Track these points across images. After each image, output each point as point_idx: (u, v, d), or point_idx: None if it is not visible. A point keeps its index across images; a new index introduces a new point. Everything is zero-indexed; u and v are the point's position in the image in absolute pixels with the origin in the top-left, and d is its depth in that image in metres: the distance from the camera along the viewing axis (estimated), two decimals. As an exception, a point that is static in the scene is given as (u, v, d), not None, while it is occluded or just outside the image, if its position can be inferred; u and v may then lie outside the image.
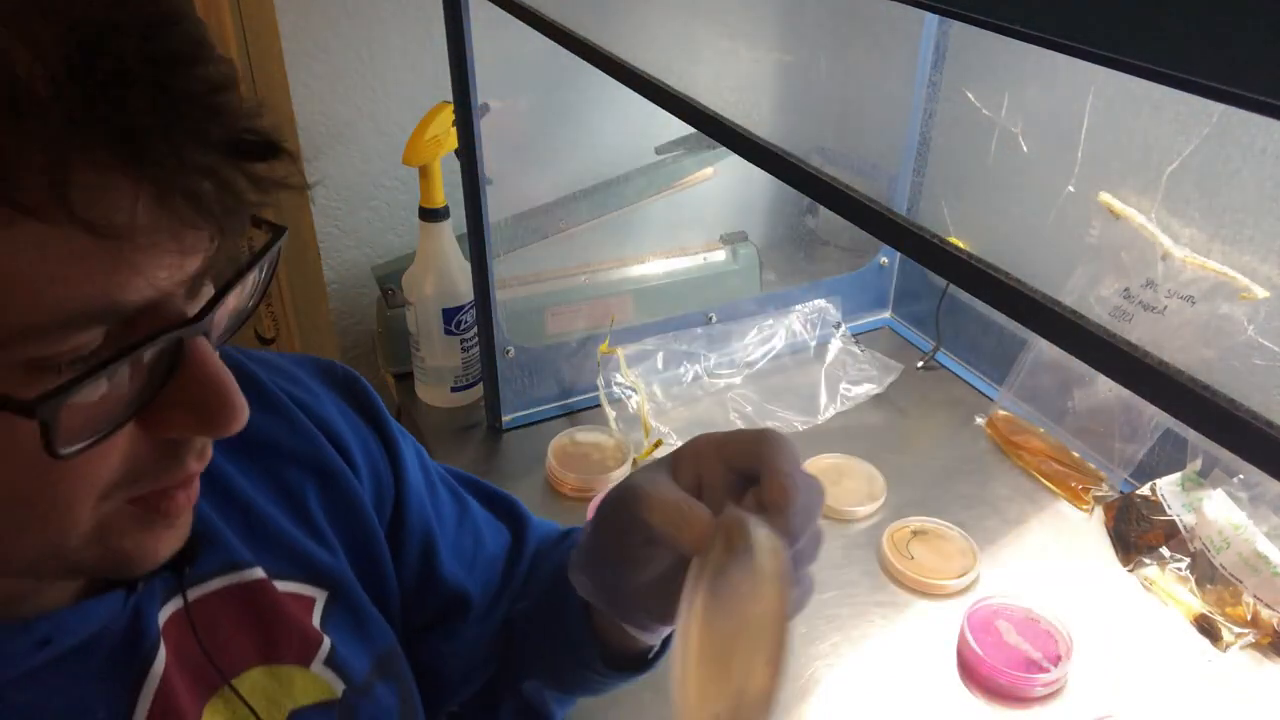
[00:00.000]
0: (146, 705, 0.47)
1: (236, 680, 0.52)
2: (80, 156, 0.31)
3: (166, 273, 0.35)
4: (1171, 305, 0.99)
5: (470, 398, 1.27)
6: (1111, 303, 1.05)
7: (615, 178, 1.33)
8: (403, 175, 1.42)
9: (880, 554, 1.01)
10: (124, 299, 0.34)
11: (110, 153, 0.32)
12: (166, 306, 0.36)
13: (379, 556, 0.63)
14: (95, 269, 0.33)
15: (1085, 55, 0.30)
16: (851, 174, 1.43)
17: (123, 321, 0.35)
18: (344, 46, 1.32)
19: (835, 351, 1.32)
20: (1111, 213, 1.05)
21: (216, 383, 0.38)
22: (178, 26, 0.34)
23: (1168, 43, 0.27)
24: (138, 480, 0.39)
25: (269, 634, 0.54)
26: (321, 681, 0.55)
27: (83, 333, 0.34)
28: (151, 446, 0.39)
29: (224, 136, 0.34)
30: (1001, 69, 1.19)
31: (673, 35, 1.36)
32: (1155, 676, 0.88)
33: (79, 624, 0.45)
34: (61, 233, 0.32)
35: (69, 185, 0.31)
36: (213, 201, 0.34)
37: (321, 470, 0.60)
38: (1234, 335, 0.95)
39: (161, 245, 0.35)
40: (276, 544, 0.56)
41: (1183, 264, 0.99)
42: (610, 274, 1.34)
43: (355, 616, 0.59)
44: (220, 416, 0.39)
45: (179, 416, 0.38)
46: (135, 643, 0.48)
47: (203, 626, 0.51)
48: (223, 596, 0.53)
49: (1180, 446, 1.03)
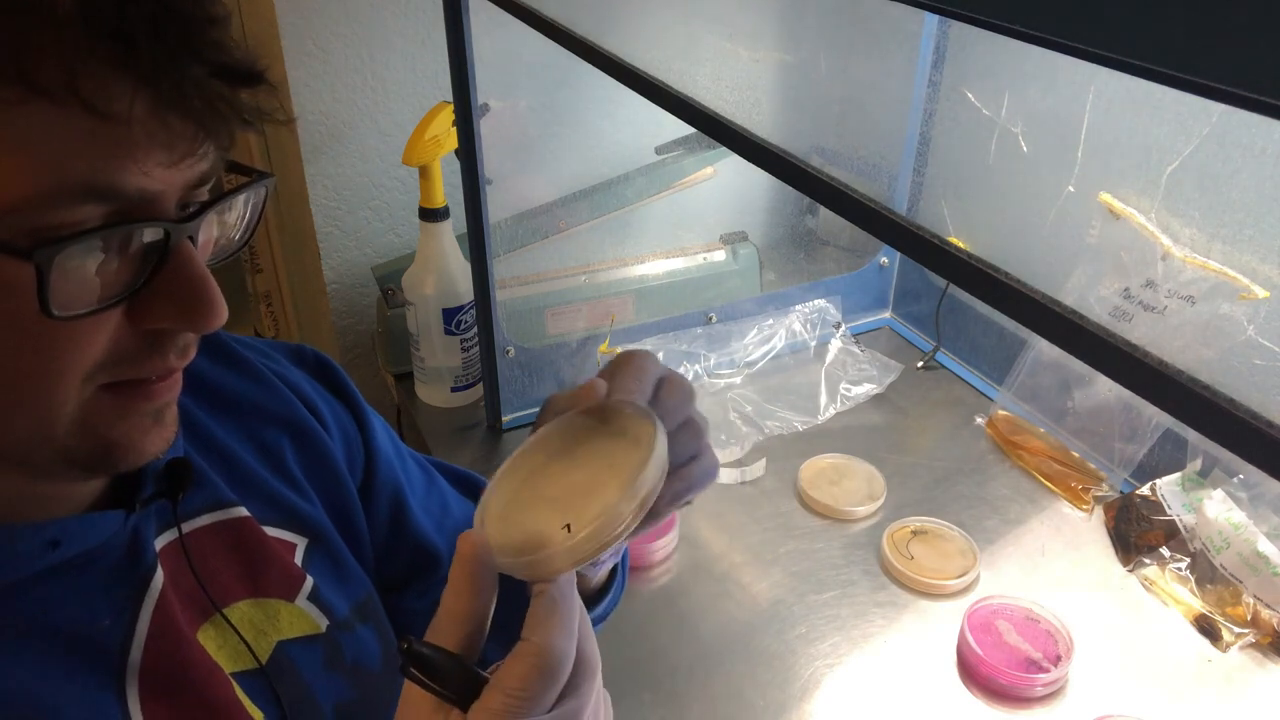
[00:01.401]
0: (148, 617, 0.50)
1: (226, 610, 0.55)
2: (89, 51, 0.36)
3: (159, 168, 0.40)
4: (1171, 305, 0.99)
5: (470, 398, 1.27)
6: (1111, 303, 1.05)
7: (615, 178, 1.33)
8: (403, 175, 1.42)
9: (880, 554, 1.01)
10: (119, 181, 0.39)
11: (114, 52, 0.36)
12: (158, 203, 0.41)
13: (352, 510, 0.67)
14: (96, 149, 0.38)
15: (1085, 55, 0.30)
16: (851, 174, 1.43)
17: (118, 207, 0.39)
18: (344, 46, 1.32)
19: (835, 351, 1.32)
20: (1111, 213, 1.05)
21: (199, 279, 0.43)
22: None
23: (1168, 43, 0.27)
24: (120, 364, 0.43)
25: (255, 568, 0.57)
26: (306, 616, 0.58)
27: (82, 206, 0.38)
28: (137, 336, 0.43)
29: (214, 57, 0.39)
30: (1001, 69, 1.19)
31: (673, 35, 1.35)
32: (1155, 676, 0.88)
33: (84, 531, 0.49)
34: (67, 113, 0.36)
35: (77, 73, 0.36)
36: (201, 111, 0.39)
37: (297, 430, 0.64)
38: (1234, 335, 0.95)
39: (155, 138, 0.39)
40: (259, 491, 0.60)
41: (1183, 264, 0.99)
42: (610, 274, 1.34)
43: (334, 562, 0.63)
44: (200, 312, 0.43)
45: (163, 307, 0.42)
46: (136, 561, 0.51)
47: (194, 558, 0.54)
48: (211, 532, 0.56)
49: (1180, 446, 1.03)
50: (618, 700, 0.50)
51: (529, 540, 0.45)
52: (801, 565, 1.00)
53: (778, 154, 0.47)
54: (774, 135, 0.47)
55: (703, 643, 0.92)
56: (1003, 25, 0.32)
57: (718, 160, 1.35)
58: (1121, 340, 0.31)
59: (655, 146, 1.37)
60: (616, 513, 0.45)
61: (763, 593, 0.97)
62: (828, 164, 1.43)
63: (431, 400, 1.28)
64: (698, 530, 1.05)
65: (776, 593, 0.97)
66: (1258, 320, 0.94)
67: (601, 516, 0.45)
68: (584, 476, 0.49)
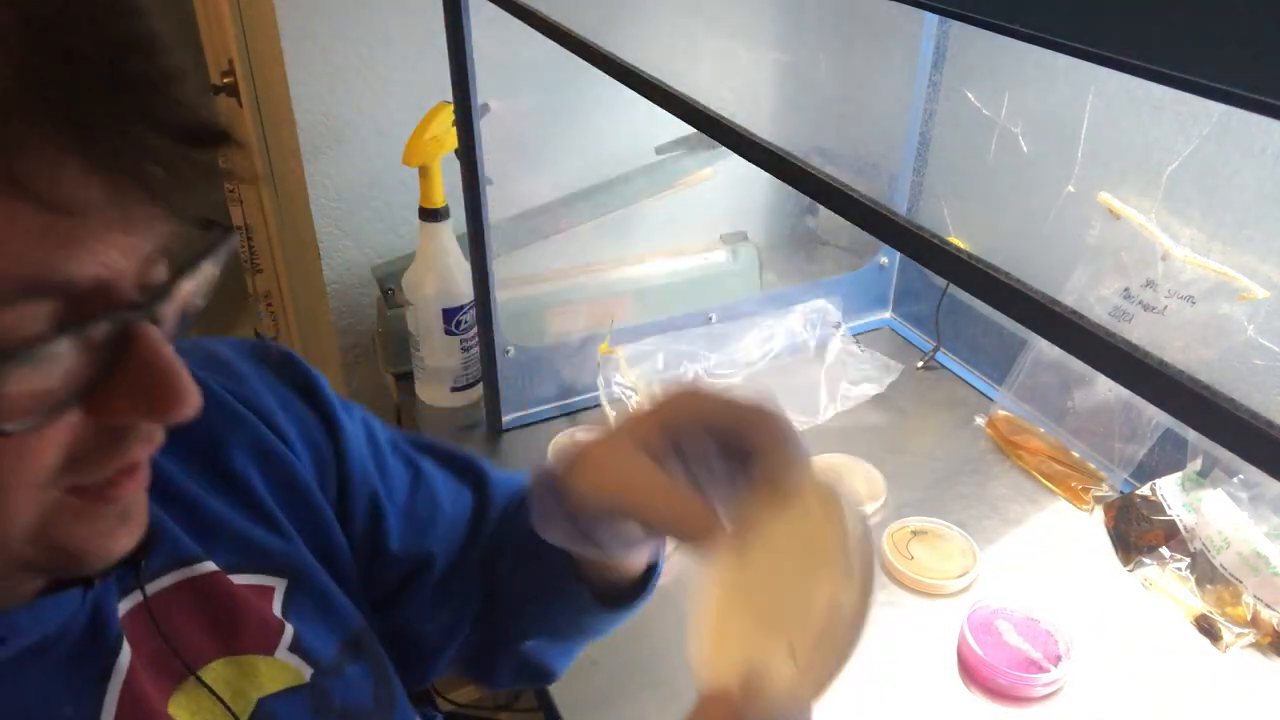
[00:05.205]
0: (115, 699, 0.47)
1: (200, 672, 0.51)
2: (32, 134, 0.32)
3: (117, 252, 0.36)
4: (1171, 305, 0.99)
5: (470, 398, 1.27)
6: (1111, 303, 1.05)
7: (615, 178, 1.33)
8: (403, 175, 1.42)
9: (880, 554, 1.01)
10: (72, 273, 0.34)
11: (60, 131, 0.32)
12: (116, 290, 0.36)
13: (331, 536, 0.62)
14: (45, 243, 0.33)
15: (1085, 55, 0.30)
16: (851, 174, 1.43)
17: (72, 302, 0.35)
18: (344, 46, 1.32)
19: (835, 351, 1.32)
20: (1111, 213, 1.05)
21: (165, 368, 0.38)
22: (130, 17, 0.35)
23: (1168, 43, 0.27)
24: (80, 468, 0.39)
25: (227, 625, 0.54)
26: (287, 668, 0.55)
27: (30, 305, 0.34)
28: (96, 432, 0.39)
29: (171, 120, 0.35)
30: (1001, 69, 1.19)
31: (673, 35, 1.36)
32: (1155, 676, 0.88)
33: (34, 623, 0.45)
34: (12, 206, 0.32)
35: (20, 161, 0.32)
36: (161, 184, 0.35)
37: (263, 453, 0.59)
38: (1234, 335, 0.95)
39: (111, 223, 0.35)
40: (228, 538, 0.56)
41: (1183, 264, 0.99)
42: (610, 274, 1.34)
43: (318, 601, 0.59)
44: (166, 403, 0.38)
45: (125, 402, 0.38)
46: (97, 639, 0.47)
47: (160, 621, 0.51)
48: (175, 592, 0.52)
49: (1180, 446, 1.03)
50: (618, 700, 0.49)
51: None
52: (801, 565, 1.00)
53: (778, 154, 0.47)
54: (774, 135, 0.47)
55: (703, 643, 0.92)
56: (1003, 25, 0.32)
57: (718, 160, 1.35)
58: (1121, 340, 0.31)
59: (655, 146, 1.37)
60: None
61: (763, 593, 0.97)
62: (828, 164, 1.43)
63: (431, 400, 1.28)
64: (698, 530, 1.05)
65: (776, 593, 0.97)
66: (1258, 320, 0.94)
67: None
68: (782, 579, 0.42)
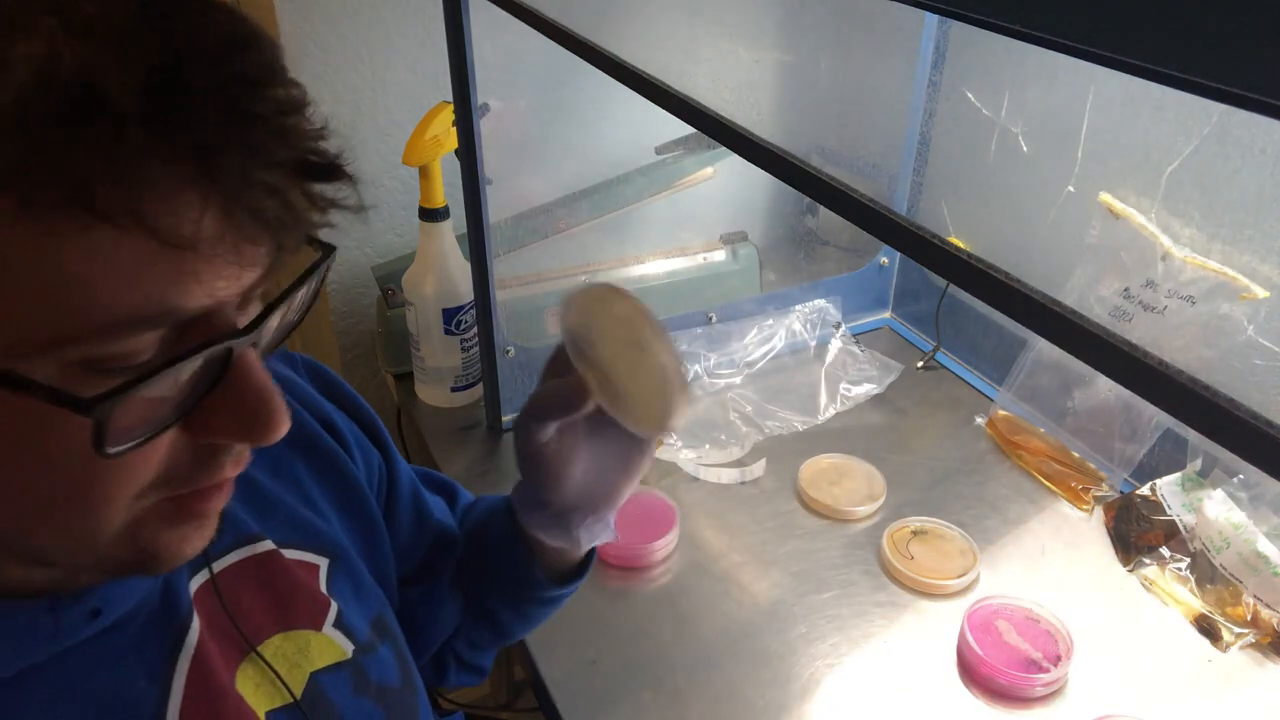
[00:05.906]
0: (184, 672, 0.50)
1: (260, 647, 0.55)
2: (155, 169, 0.33)
3: (225, 283, 0.37)
4: (1171, 305, 0.99)
5: (470, 398, 1.27)
6: (1111, 303, 1.05)
7: (615, 178, 1.33)
8: (403, 175, 1.42)
9: (880, 554, 1.01)
10: (183, 305, 0.36)
11: (182, 167, 0.33)
12: (219, 316, 0.38)
13: (372, 521, 0.67)
14: (159, 276, 0.34)
15: (1085, 55, 0.30)
16: (851, 174, 1.43)
17: (178, 329, 0.37)
18: (344, 46, 1.32)
19: (835, 351, 1.32)
20: (1111, 213, 1.05)
21: (261, 392, 0.40)
22: (252, 50, 0.35)
23: (1168, 43, 0.27)
24: (173, 481, 0.41)
25: (284, 601, 0.57)
26: (334, 644, 0.58)
27: (141, 336, 0.35)
28: (191, 450, 0.41)
29: (289, 157, 0.36)
30: (1001, 69, 1.19)
31: (673, 35, 1.35)
32: (1155, 676, 0.88)
33: (125, 596, 0.47)
34: (131, 239, 0.33)
35: (143, 196, 0.32)
36: (275, 218, 0.36)
37: (310, 448, 0.64)
38: (1234, 335, 0.95)
39: (223, 257, 0.36)
40: (279, 513, 0.60)
41: (1183, 264, 0.99)
42: (610, 274, 1.34)
43: (354, 581, 0.63)
44: (262, 426, 0.40)
45: (222, 423, 0.40)
46: (170, 614, 0.50)
47: (226, 598, 0.54)
48: (241, 569, 0.56)
49: (1180, 446, 1.03)
50: (618, 700, 0.50)
51: None
52: (801, 565, 1.00)
53: (778, 154, 0.47)
54: (774, 135, 0.47)
55: (703, 643, 0.92)
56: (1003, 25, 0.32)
57: (718, 160, 1.35)
58: (1121, 340, 0.31)
59: (655, 146, 1.36)
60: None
61: (763, 593, 0.97)
62: (828, 164, 1.43)
63: (431, 400, 1.28)
64: (698, 530, 1.05)
65: (776, 593, 0.97)
66: (1258, 320, 0.94)
67: None
68: None
